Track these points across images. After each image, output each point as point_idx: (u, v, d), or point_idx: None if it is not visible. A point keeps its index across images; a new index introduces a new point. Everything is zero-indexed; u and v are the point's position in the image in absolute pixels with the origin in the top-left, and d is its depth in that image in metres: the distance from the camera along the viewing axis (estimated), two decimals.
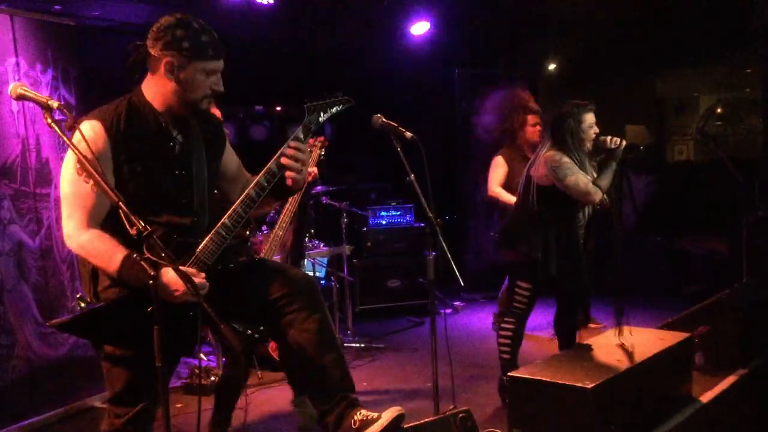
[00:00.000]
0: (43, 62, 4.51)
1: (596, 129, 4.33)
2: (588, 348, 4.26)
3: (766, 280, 5.70)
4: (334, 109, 2.79)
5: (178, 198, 2.57)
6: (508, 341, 4.49)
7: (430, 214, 3.17)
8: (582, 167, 4.29)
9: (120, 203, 2.07)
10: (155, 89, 2.55)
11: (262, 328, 2.56)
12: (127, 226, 2.05)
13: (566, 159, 4.23)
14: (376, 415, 2.57)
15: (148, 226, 2.03)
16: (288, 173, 2.63)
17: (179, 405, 4.63)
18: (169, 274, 2.29)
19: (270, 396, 4.92)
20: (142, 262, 1.96)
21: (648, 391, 3.84)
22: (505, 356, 4.48)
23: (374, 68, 7.76)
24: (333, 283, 6.40)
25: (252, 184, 2.61)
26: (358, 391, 4.77)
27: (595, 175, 4.33)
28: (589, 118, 4.32)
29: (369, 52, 7.63)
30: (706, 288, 6.51)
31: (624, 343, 4.25)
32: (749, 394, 4.57)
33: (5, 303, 4.16)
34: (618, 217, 7.49)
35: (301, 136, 2.69)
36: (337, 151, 8.40)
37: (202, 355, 5.57)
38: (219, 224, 2.57)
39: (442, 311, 7.40)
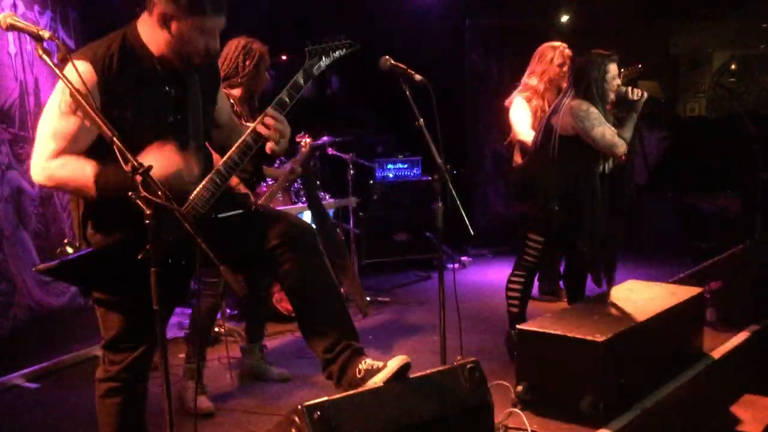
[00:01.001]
0: (41, 3, 4.38)
1: (618, 80, 4.24)
2: (598, 302, 4.20)
3: None
4: (337, 53, 2.65)
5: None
6: (517, 294, 4.41)
7: (440, 161, 3.04)
8: (606, 119, 4.20)
9: (115, 138, 1.96)
10: (150, 33, 2.40)
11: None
12: (122, 164, 1.94)
13: (593, 109, 4.12)
14: (381, 363, 2.50)
15: (143, 163, 1.92)
16: (268, 145, 2.50)
17: (182, 355, 4.57)
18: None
19: (275, 344, 4.88)
20: (138, 201, 1.85)
21: (659, 346, 3.78)
22: (513, 309, 4.41)
23: (382, 16, 7.57)
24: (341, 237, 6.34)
25: (249, 131, 2.50)
26: (367, 344, 4.78)
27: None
28: (613, 68, 4.21)
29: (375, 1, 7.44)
30: (717, 245, 6.44)
31: (636, 297, 4.19)
32: (761, 350, 4.50)
33: (4, 250, 4.09)
34: (631, 172, 7.42)
35: (301, 81, 2.56)
36: (344, 103, 8.30)
37: None
38: (213, 171, 2.47)
39: (449, 266, 7.36)
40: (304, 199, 5.75)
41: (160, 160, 2.21)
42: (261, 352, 4.30)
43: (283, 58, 7.38)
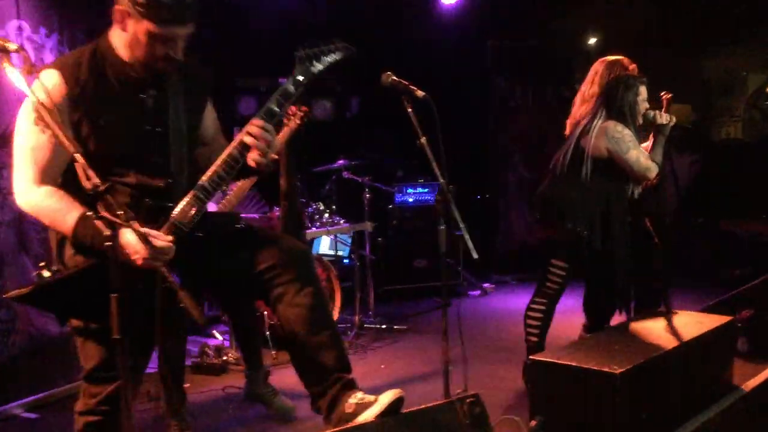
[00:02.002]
0: (48, 26, 4.33)
1: (647, 104, 4.15)
2: (620, 331, 3.99)
3: None
4: (330, 58, 2.49)
5: (149, 157, 2.32)
6: (536, 323, 4.21)
7: (442, 180, 2.88)
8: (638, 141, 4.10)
9: (77, 155, 1.83)
10: (118, 38, 2.29)
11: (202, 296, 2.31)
12: (83, 181, 1.81)
13: (627, 132, 4.02)
14: (372, 398, 2.32)
15: (104, 182, 1.78)
16: (251, 155, 2.36)
17: (187, 385, 4.43)
18: (126, 236, 2.04)
19: (284, 376, 4.71)
20: (97, 222, 1.72)
21: (684, 378, 3.55)
22: (532, 339, 4.20)
23: (403, 39, 7.46)
24: (356, 262, 6.18)
25: (234, 143, 2.36)
26: (375, 374, 4.64)
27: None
28: (644, 91, 4.13)
29: (398, 22, 7.34)
30: (750, 272, 6.18)
31: (660, 326, 3.98)
32: None
33: (5, 275, 3.99)
34: (663, 197, 7.17)
35: (292, 89, 2.42)
36: (364, 126, 8.19)
37: (216, 333, 5.42)
38: (197, 187, 2.32)
39: (470, 293, 7.18)
40: (318, 224, 5.63)
41: None
42: (266, 380, 4.14)
43: None
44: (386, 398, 2.30)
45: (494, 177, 8.09)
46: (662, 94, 4.78)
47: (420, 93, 2.92)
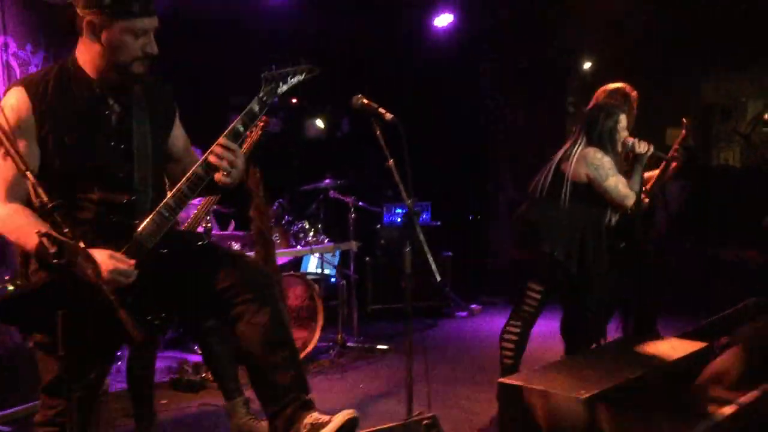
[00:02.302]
0: (34, 43, 4.38)
1: (626, 132, 4.20)
2: (593, 355, 4.00)
3: None
4: (295, 79, 2.55)
5: (113, 173, 2.36)
6: (511, 345, 4.23)
7: (408, 202, 2.91)
8: (618, 169, 4.14)
9: (27, 173, 1.87)
10: (86, 54, 2.35)
11: (164, 315, 2.32)
12: (33, 198, 1.85)
13: (607, 159, 4.07)
14: (327, 418, 2.34)
15: (53, 201, 1.82)
16: (216, 176, 2.40)
17: (164, 401, 4.45)
18: (95, 257, 2.08)
19: None
20: (42, 239, 1.75)
21: (654, 404, 3.55)
22: (507, 361, 4.22)
23: (395, 61, 7.53)
24: (343, 281, 6.20)
25: (200, 161, 2.40)
26: (352, 393, 4.64)
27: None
28: (624, 119, 4.18)
29: (390, 44, 7.41)
30: (738, 298, 6.16)
31: (636, 351, 3.99)
32: None
33: None
34: (650, 222, 7.18)
35: (256, 109, 2.46)
36: (354, 146, 8.23)
37: (197, 350, 5.42)
38: (162, 204, 2.36)
39: (457, 314, 7.18)
40: (303, 242, 5.66)
41: None
42: (246, 407, 4.08)
43: (293, 101, 7.38)
44: (340, 418, 2.32)
45: (485, 197, 8.12)
46: (684, 120, 4.85)
47: (389, 116, 2.96)
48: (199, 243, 2.53)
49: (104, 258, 2.19)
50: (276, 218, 5.60)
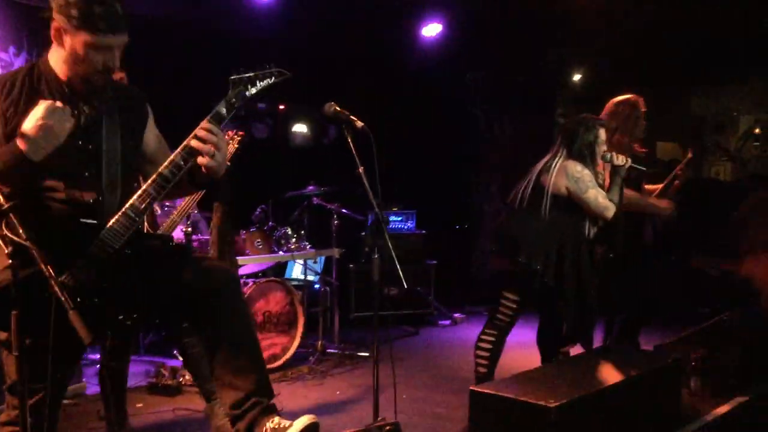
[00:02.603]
0: (18, 45, 4.40)
1: (605, 146, 4.26)
2: (566, 365, 4.02)
3: None
4: (264, 83, 2.56)
5: (80, 173, 2.38)
6: (485, 354, 4.25)
7: (377, 210, 2.93)
8: (597, 181, 4.19)
9: None
10: (55, 56, 2.38)
11: (135, 315, 2.33)
12: None
13: (587, 171, 4.13)
14: (288, 423, 2.36)
15: (9, 202, 1.83)
16: (200, 159, 2.41)
17: (139, 405, 4.45)
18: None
19: None
20: None
21: (624, 415, 3.57)
22: (481, 370, 4.24)
23: (383, 69, 7.55)
24: (326, 288, 6.21)
25: (166, 163, 2.41)
26: (329, 399, 4.65)
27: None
28: (603, 133, 4.25)
29: (378, 52, 7.43)
30: (720, 310, 6.19)
31: (609, 361, 4.01)
32: (747, 423, 4.25)
33: None
34: (632, 234, 7.21)
35: (223, 111, 2.47)
36: (340, 153, 8.23)
37: (178, 354, 5.42)
38: (127, 205, 2.37)
39: (440, 323, 7.19)
40: (285, 248, 5.66)
41: None
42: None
43: (281, 107, 7.39)
44: (301, 423, 2.33)
45: (471, 207, 8.14)
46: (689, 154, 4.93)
47: (359, 124, 2.99)
48: (166, 245, 2.53)
49: (36, 112, 2.21)
50: (259, 224, 5.61)
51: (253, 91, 2.53)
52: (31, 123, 2.19)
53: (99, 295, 2.32)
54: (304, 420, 2.33)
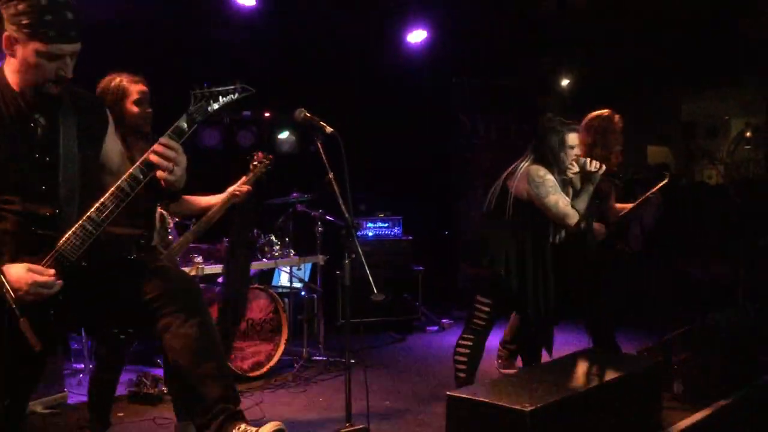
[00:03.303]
0: None
1: (578, 150, 4.22)
2: (545, 369, 4.01)
3: (756, 307, 5.36)
4: (227, 98, 2.54)
5: (36, 185, 2.36)
6: (464, 359, 4.24)
7: (347, 215, 2.92)
8: (562, 187, 4.17)
9: None
10: (9, 66, 2.37)
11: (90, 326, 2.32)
12: None
13: (550, 177, 4.10)
14: (254, 429, 2.34)
15: None
16: (159, 173, 2.39)
17: (120, 414, 4.43)
18: (11, 270, 2.08)
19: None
20: None
21: (603, 419, 3.56)
22: (461, 375, 4.23)
23: (368, 75, 7.56)
24: (313, 295, 6.19)
25: (125, 176, 2.39)
26: (311, 406, 4.63)
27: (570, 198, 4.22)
28: (572, 138, 4.19)
29: (363, 58, 7.44)
30: (708, 314, 6.19)
31: (588, 365, 4.00)
32: (729, 428, 4.24)
33: None
34: (623, 239, 7.20)
35: (184, 126, 2.46)
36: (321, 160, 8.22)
37: (160, 362, 5.40)
38: (84, 217, 2.35)
39: (427, 329, 7.17)
40: (269, 256, 5.65)
41: None
42: None
43: (266, 115, 7.39)
44: (266, 429, 2.31)
45: (457, 213, 8.13)
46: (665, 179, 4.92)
47: (329, 129, 2.99)
48: (125, 256, 2.52)
49: (22, 272, 2.20)
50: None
51: (216, 106, 2.51)
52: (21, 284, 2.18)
53: (54, 306, 2.31)
54: (271, 426, 2.32)
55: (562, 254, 4.29)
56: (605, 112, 4.74)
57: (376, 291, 3.11)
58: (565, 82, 9.14)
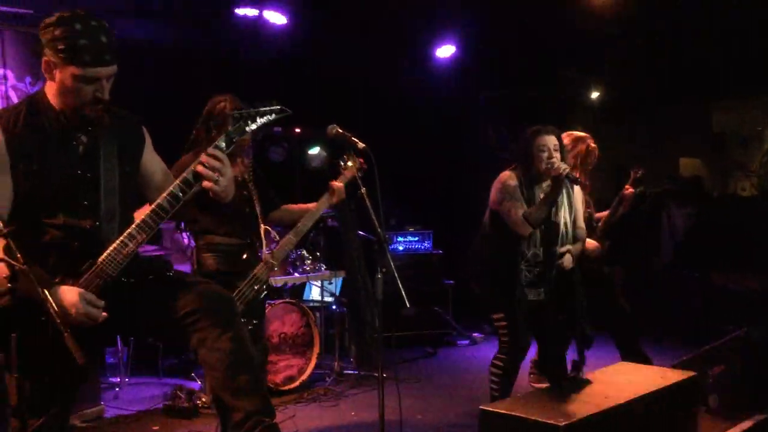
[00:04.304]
0: (33, 74, 4.51)
1: (551, 153, 3.95)
2: (578, 384, 3.97)
3: None
4: (264, 119, 2.61)
5: (77, 199, 2.43)
6: (496, 379, 4.18)
7: (379, 230, 2.95)
8: (530, 192, 3.99)
9: None
10: (51, 89, 2.45)
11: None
12: None
13: (512, 183, 3.96)
14: None
15: (7, 227, 1.89)
16: (205, 183, 2.46)
17: (156, 428, 4.49)
18: (68, 295, 2.15)
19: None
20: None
21: None
22: (495, 393, 4.18)
23: (397, 91, 7.61)
24: (344, 309, 6.22)
25: (165, 193, 2.45)
26: (343, 420, 4.65)
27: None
28: (541, 140, 3.96)
29: (392, 74, 7.49)
30: (742, 326, 6.11)
31: (622, 379, 3.96)
32: None
33: None
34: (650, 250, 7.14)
35: (222, 145, 2.51)
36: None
37: (196, 377, 5.46)
38: (125, 234, 2.42)
39: (459, 343, 7.16)
40: (300, 270, 5.70)
41: None
42: None
43: (297, 130, 7.45)
44: None
45: None
46: (633, 170, 4.85)
47: (361, 145, 3.02)
48: (162, 271, 2.57)
49: (76, 298, 2.26)
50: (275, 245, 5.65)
51: (253, 126, 2.58)
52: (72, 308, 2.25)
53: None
54: None
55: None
56: (585, 135, 4.67)
57: (408, 305, 3.10)
58: (594, 95, 9.13)
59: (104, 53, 2.35)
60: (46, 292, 1.90)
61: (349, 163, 3.89)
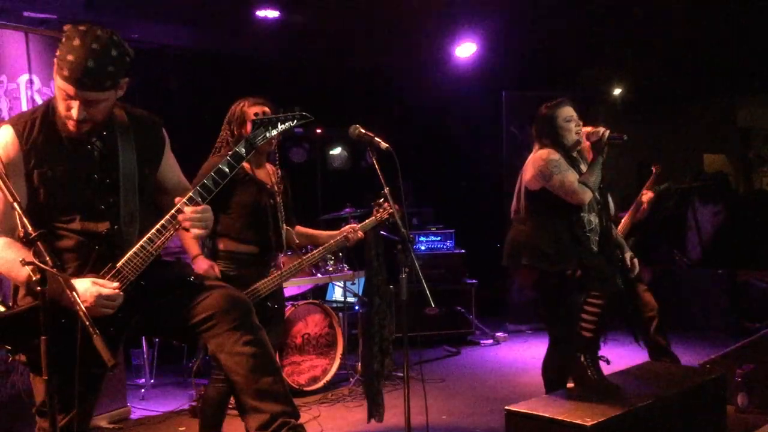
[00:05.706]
0: None
1: (577, 122, 3.92)
2: (604, 383, 3.94)
3: None
4: (285, 125, 2.60)
5: (95, 204, 2.43)
6: (593, 317, 3.88)
7: (403, 230, 2.94)
8: (572, 164, 3.90)
9: (15, 203, 1.96)
10: None
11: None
12: (19, 228, 1.93)
13: (554, 156, 3.84)
14: None
15: (38, 230, 1.90)
16: (194, 231, 2.43)
17: (182, 428, 4.51)
18: (76, 284, 2.15)
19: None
20: (28, 266, 1.83)
21: None
22: (588, 334, 3.89)
23: (418, 90, 7.60)
24: (363, 309, 6.21)
25: (185, 198, 2.45)
26: (366, 420, 4.63)
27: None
28: (565, 111, 3.92)
29: (413, 73, 7.49)
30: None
31: (649, 378, 3.92)
32: None
33: None
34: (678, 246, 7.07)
35: (243, 151, 2.50)
36: (376, 176, 8.28)
37: None
38: (145, 238, 2.42)
39: (482, 342, 7.14)
40: (323, 271, 5.70)
41: None
42: None
43: (318, 131, 7.47)
44: None
45: (509, 225, 8.06)
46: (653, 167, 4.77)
47: (384, 145, 3.02)
48: (181, 275, 2.57)
49: (87, 285, 2.27)
50: (298, 246, 5.66)
51: (274, 132, 2.57)
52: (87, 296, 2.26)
53: (113, 324, 2.38)
54: None
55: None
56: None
57: (432, 305, 3.09)
58: (617, 92, 9.06)
59: (83, 75, 2.27)
60: (76, 295, 1.91)
61: (385, 206, 3.84)
